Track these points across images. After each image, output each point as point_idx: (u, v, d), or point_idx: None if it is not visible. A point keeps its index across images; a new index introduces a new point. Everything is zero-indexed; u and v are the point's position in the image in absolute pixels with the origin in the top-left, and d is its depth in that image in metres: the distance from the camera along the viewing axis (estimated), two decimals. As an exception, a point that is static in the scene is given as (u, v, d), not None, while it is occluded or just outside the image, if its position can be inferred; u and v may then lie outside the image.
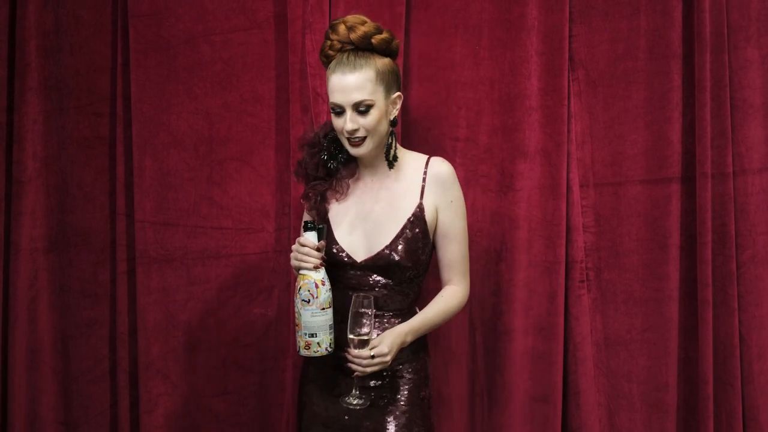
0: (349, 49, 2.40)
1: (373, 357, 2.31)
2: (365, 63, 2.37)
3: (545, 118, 2.93)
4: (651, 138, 2.95)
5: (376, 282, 2.44)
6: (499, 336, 2.96)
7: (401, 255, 2.41)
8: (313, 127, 2.74)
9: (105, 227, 3.01)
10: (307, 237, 2.35)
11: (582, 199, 2.96)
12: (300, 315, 2.34)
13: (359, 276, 2.44)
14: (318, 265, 2.34)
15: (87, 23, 2.98)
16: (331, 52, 2.41)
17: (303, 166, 2.53)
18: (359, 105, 2.35)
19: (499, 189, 2.95)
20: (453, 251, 2.48)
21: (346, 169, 2.52)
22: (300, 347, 2.35)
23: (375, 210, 2.47)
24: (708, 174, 2.89)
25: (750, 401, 2.94)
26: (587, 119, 2.96)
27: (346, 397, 2.39)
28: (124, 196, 2.97)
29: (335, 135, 2.47)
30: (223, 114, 2.98)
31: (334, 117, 2.40)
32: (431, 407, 2.54)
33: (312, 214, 2.50)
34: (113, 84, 2.98)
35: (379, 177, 2.50)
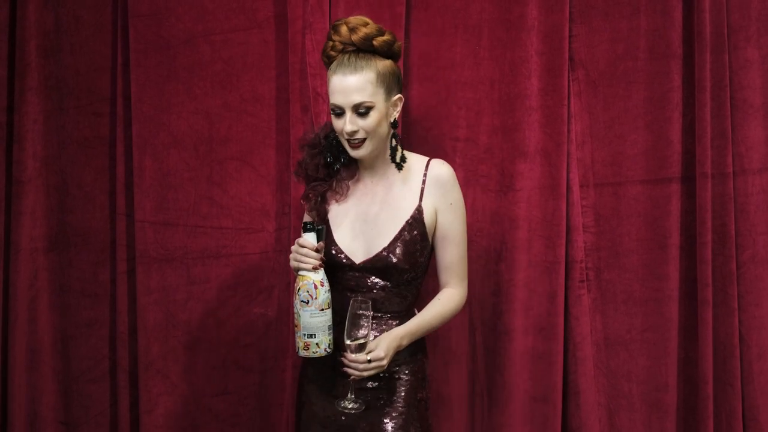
0: (351, 51, 2.40)
1: (370, 361, 2.31)
2: (366, 65, 2.36)
3: (545, 118, 2.92)
4: (651, 138, 2.94)
5: (374, 284, 2.43)
6: (499, 336, 2.96)
7: (399, 257, 2.40)
8: (314, 128, 2.73)
9: (105, 227, 3.01)
10: (306, 238, 2.35)
11: (582, 199, 2.96)
12: (299, 316, 2.34)
13: (358, 277, 2.44)
14: (317, 266, 2.34)
15: (87, 23, 2.98)
16: (333, 52, 2.41)
17: (303, 166, 2.53)
18: (359, 107, 2.35)
19: (499, 189, 2.95)
20: (451, 254, 2.47)
21: (346, 171, 2.52)
22: (299, 348, 2.35)
23: (374, 211, 2.47)
24: (708, 174, 2.88)
25: (750, 401, 2.94)
26: (587, 119, 2.96)
27: (341, 401, 2.38)
28: (124, 196, 2.97)
29: (336, 136, 2.47)
30: (223, 114, 2.98)
31: (334, 118, 2.40)
32: (429, 409, 2.55)
33: (312, 214, 2.50)
34: (113, 84, 2.98)
35: (379, 178, 2.50)
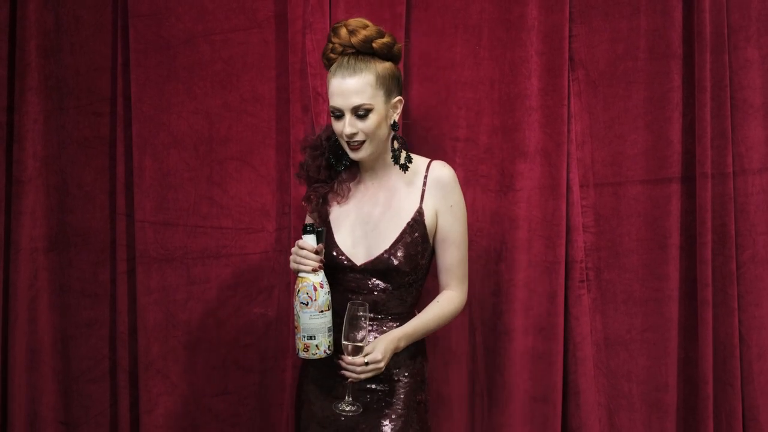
0: (350, 53, 2.40)
1: (367, 364, 2.31)
2: (365, 67, 2.36)
3: (545, 118, 2.92)
4: (651, 138, 2.94)
5: (375, 286, 2.43)
6: (499, 336, 2.96)
7: (400, 260, 2.40)
8: (315, 130, 2.74)
9: (105, 227, 3.01)
10: (306, 240, 2.35)
11: (582, 199, 2.96)
12: (299, 317, 2.34)
13: (359, 279, 2.43)
14: (316, 268, 2.34)
15: (87, 23, 2.98)
16: (333, 55, 2.41)
17: (305, 168, 2.53)
18: (358, 109, 2.35)
19: (499, 189, 2.95)
20: (452, 256, 2.47)
21: (347, 173, 2.52)
22: (299, 349, 2.35)
23: (375, 213, 2.47)
24: (708, 174, 2.88)
25: (750, 401, 2.94)
26: (587, 119, 2.96)
27: (338, 404, 2.38)
28: (124, 195, 2.97)
29: (338, 138, 2.47)
30: (223, 114, 2.98)
31: (333, 120, 2.40)
32: (428, 411, 2.55)
33: (314, 216, 2.50)
34: (113, 84, 2.98)
35: (380, 180, 2.49)
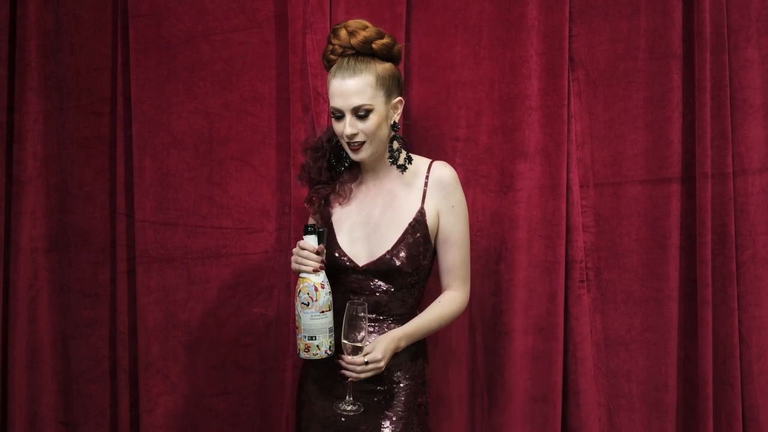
0: (350, 54, 2.40)
1: (367, 363, 2.31)
2: (365, 68, 2.36)
3: (545, 118, 2.92)
4: (651, 138, 2.94)
5: (377, 287, 2.43)
6: (499, 336, 2.96)
7: (402, 260, 2.40)
8: (316, 132, 2.74)
9: (105, 227, 3.01)
10: (307, 240, 2.35)
11: (582, 199, 2.96)
12: (300, 318, 2.34)
13: (361, 280, 2.43)
14: (317, 269, 2.34)
15: (87, 23, 2.97)
16: (333, 56, 2.41)
17: (306, 170, 2.53)
18: (358, 110, 2.35)
19: (499, 189, 2.95)
20: (453, 256, 2.47)
21: (348, 174, 2.52)
22: (300, 350, 2.35)
23: (377, 214, 2.47)
24: (708, 174, 2.88)
25: (750, 401, 2.95)
26: (587, 119, 2.96)
27: (339, 404, 2.38)
28: (124, 195, 2.97)
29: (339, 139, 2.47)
30: (223, 114, 2.97)
31: (334, 121, 2.40)
32: (428, 413, 2.55)
33: (316, 217, 2.51)
34: (113, 84, 2.98)
35: (382, 181, 2.50)
